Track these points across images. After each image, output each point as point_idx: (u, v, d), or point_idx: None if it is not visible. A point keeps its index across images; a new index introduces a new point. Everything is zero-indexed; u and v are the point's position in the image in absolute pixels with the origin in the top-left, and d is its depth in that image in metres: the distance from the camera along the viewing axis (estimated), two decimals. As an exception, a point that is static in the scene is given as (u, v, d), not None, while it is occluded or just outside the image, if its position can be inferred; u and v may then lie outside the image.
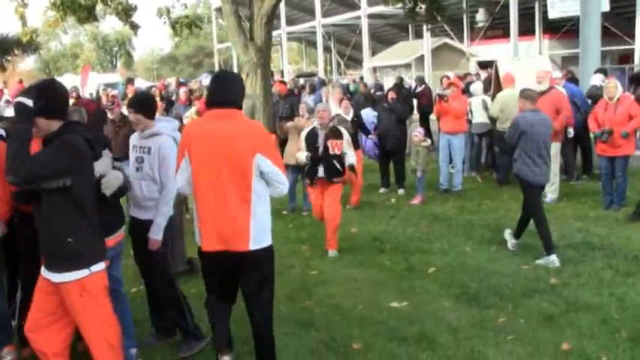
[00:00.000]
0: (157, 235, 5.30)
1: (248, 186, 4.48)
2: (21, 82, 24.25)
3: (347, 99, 11.89)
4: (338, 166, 8.17)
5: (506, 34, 29.21)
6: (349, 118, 10.82)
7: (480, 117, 12.51)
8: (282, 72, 35.09)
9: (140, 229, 5.39)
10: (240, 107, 4.73)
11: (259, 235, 4.56)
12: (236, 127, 4.54)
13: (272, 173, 4.52)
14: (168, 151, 5.26)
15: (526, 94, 7.85)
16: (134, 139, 5.56)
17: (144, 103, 5.56)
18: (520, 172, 7.72)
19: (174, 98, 15.79)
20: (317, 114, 8.27)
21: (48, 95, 4.12)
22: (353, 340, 5.60)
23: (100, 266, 4.23)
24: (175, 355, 5.44)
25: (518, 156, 7.70)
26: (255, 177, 4.47)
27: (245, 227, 4.51)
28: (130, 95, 14.09)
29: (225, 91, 4.63)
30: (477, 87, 13.17)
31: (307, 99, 14.38)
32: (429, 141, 11.43)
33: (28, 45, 29.55)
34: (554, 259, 7.36)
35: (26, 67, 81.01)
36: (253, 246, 4.52)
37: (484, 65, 21.03)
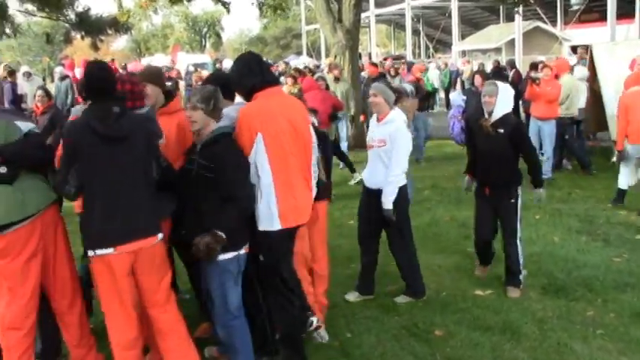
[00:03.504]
0: None
1: (311, 157, 4.74)
2: (113, 61, 24.91)
3: None
4: None
5: (602, 18, 28.25)
6: None
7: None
8: (369, 54, 35.00)
9: None
10: None
11: None
12: (294, 101, 4.88)
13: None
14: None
15: None
16: None
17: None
18: None
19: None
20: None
21: None
22: (435, 326, 5.58)
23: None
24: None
25: None
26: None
27: (310, 199, 4.81)
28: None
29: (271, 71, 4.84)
30: (578, 70, 12.77)
31: (404, 83, 14.16)
32: None
33: (121, 25, 30.46)
34: None
35: (118, 47, 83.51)
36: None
37: (577, 50, 20.43)
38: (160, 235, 4.33)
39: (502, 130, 6.26)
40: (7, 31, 27.98)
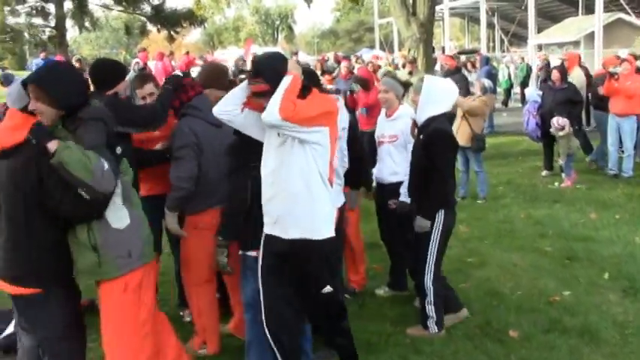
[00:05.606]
0: None
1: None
2: (187, 53, 25.27)
3: None
4: None
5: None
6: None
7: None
8: (443, 48, 34.62)
9: None
10: None
11: None
12: None
13: None
14: None
15: None
16: None
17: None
18: None
19: (335, 73, 15.74)
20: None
21: None
22: (510, 327, 5.41)
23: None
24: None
25: None
26: None
27: None
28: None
29: None
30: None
31: (482, 77, 13.85)
32: (566, 129, 10.50)
33: (195, 18, 31.12)
34: None
35: (192, 40, 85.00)
36: None
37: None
38: None
39: (422, 137, 5.24)
40: (87, 24, 29.15)
